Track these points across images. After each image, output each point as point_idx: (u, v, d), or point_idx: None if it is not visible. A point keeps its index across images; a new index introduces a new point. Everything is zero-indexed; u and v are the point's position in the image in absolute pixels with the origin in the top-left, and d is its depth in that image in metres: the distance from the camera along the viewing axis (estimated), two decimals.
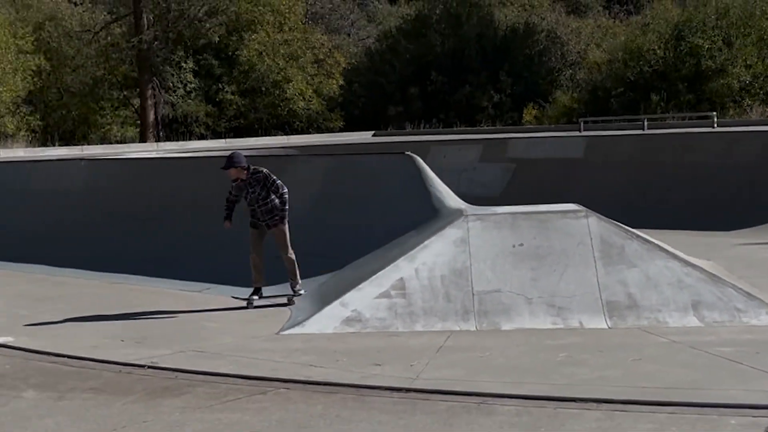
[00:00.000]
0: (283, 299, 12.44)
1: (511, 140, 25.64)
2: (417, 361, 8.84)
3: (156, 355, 8.42)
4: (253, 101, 47.45)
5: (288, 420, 5.17)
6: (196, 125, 45.83)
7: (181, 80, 45.84)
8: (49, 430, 5.71)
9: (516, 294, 11.14)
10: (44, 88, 43.79)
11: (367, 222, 14.03)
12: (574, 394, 5.81)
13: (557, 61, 48.63)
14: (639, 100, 39.92)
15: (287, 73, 47.38)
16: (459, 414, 5.08)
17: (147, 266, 15.22)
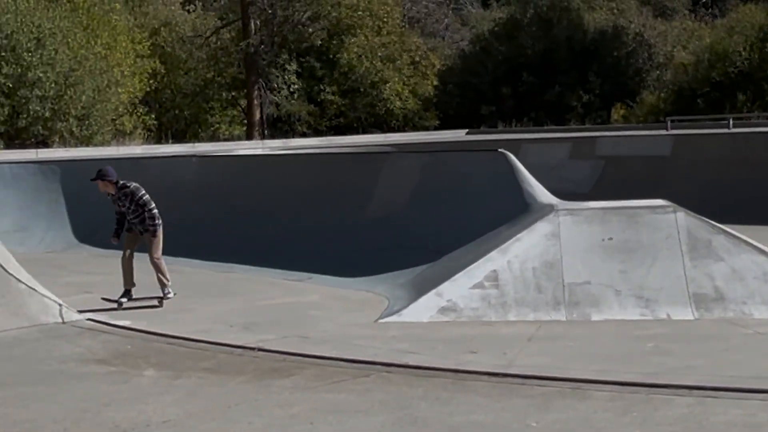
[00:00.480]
0: (157, 299, 12.16)
1: (600, 138, 25.35)
2: (510, 349, 8.81)
3: (263, 340, 8.55)
4: (353, 101, 47.69)
5: (390, 401, 5.20)
6: (299, 124, 46.26)
7: (285, 81, 46.31)
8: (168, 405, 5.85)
9: (605, 286, 11.03)
10: (159, 89, 44.64)
11: (461, 216, 14.02)
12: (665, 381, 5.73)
13: (644, 63, 47.84)
14: (724, 99, 39.09)
15: (384, 75, 47.53)
16: (554, 398, 5.05)
17: (253, 256, 15.42)
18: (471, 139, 32.66)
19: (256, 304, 11.98)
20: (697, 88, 41.47)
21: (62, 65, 31.13)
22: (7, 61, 29.89)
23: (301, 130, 45.76)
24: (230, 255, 15.78)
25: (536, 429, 4.53)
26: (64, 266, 16.01)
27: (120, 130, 37.45)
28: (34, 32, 30.63)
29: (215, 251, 16.12)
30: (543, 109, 45.96)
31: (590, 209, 11.99)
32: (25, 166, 20.79)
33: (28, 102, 30.24)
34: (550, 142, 26.50)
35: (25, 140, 31.07)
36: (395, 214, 15.23)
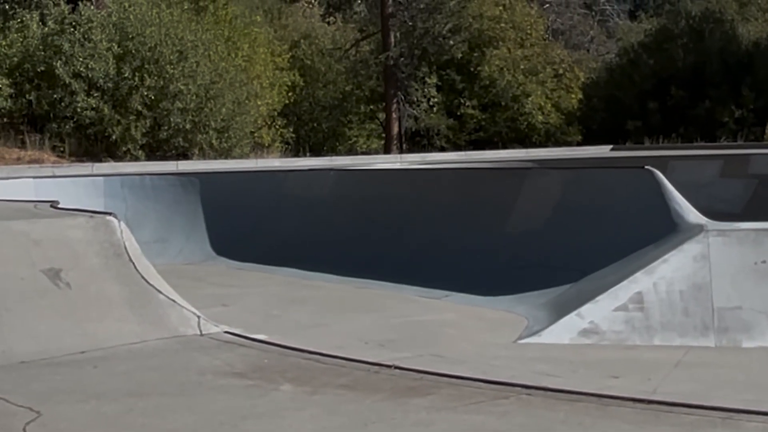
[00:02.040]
0: None
1: (754, 156, 24.59)
2: (654, 375, 8.65)
3: (398, 358, 8.61)
4: (493, 115, 47.62)
5: (530, 424, 5.18)
6: (437, 138, 46.45)
7: (425, 94, 46.59)
8: (305, 421, 5.95)
9: (758, 312, 10.72)
10: (297, 102, 45.52)
11: (604, 235, 13.82)
12: None
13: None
14: None
15: (527, 88, 47.30)
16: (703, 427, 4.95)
17: (390, 272, 15.54)
18: (616, 155, 32.16)
19: (391, 321, 12.06)
20: None
21: (203, 78, 32.05)
22: (150, 74, 30.95)
23: (440, 144, 45.93)
24: (366, 270, 15.93)
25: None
26: (201, 278, 16.46)
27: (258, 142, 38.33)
28: (177, 45, 31.63)
29: (351, 266, 16.30)
30: (692, 124, 44.90)
31: (742, 230, 11.66)
32: (166, 177, 21.45)
33: (170, 114, 31.24)
34: (699, 159, 25.86)
35: (166, 152, 32.11)
36: (536, 232, 15.12)
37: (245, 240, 18.74)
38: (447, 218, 16.65)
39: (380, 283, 15.16)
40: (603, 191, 14.80)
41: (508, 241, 15.28)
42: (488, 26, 47.34)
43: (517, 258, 14.69)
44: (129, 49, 30.94)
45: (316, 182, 20.06)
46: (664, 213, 13.16)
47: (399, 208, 17.71)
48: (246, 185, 19.97)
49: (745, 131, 43.55)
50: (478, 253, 15.33)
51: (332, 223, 18.53)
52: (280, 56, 42.50)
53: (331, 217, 18.70)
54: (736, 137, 42.39)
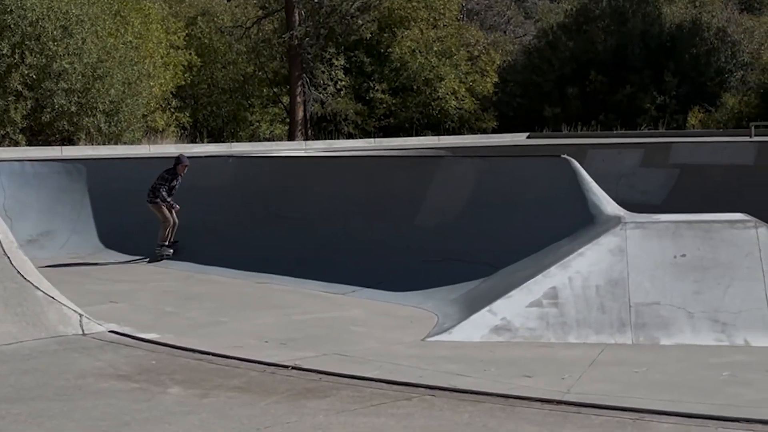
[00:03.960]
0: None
1: (675, 145, 25.12)
2: (569, 374, 8.77)
3: (300, 357, 8.60)
4: (404, 100, 47.74)
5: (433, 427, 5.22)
6: (345, 124, 46.42)
7: (332, 77, 46.51)
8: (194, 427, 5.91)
9: (677, 307, 10.94)
10: (194, 84, 45.05)
11: (518, 227, 13.99)
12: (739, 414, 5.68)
13: (727, 62, 47.35)
14: None
15: (440, 71, 47.51)
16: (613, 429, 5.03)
17: (293, 266, 15.53)
18: (532, 143, 32.56)
19: (294, 319, 12.05)
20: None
21: (90, 56, 31.44)
22: (31, 51, 30.28)
23: (348, 130, 45.91)
24: (267, 265, 15.89)
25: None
26: (88, 273, 16.25)
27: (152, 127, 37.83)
28: (61, 19, 30.97)
29: (251, 260, 16.25)
30: (612, 111, 45.66)
31: (661, 222, 11.90)
32: (49, 164, 21.10)
33: (53, 95, 30.61)
34: (619, 148, 26.31)
35: (49, 137, 31.49)
36: (447, 224, 15.24)
37: (137, 232, 18.53)
38: (354, 210, 16.69)
39: (282, 277, 15.13)
40: (518, 181, 14.96)
41: (419, 233, 15.37)
42: (399, 5, 47.42)
43: (427, 251, 14.78)
44: (7, 23, 30.20)
45: (214, 170, 19.91)
46: (581, 204, 13.37)
47: (303, 198, 17.68)
48: (138, 173, 19.70)
49: (667, 118, 44.43)
50: (386, 246, 15.39)
51: (231, 214, 18.43)
52: (175, 34, 41.99)
53: (231, 208, 18.60)
54: (658, 125, 43.23)
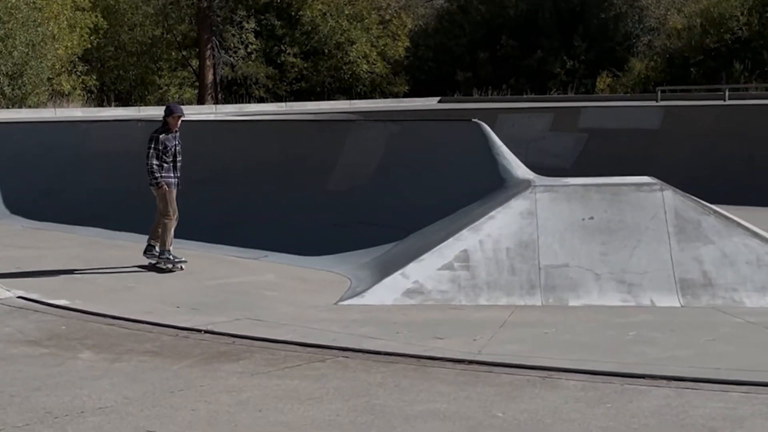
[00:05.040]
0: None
1: (584, 109, 25.45)
2: (480, 336, 8.90)
3: (212, 322, 8.59)
4: (315, 64, 47.56)
5: (346, 388, 5.27)
6: (256, 88, 46.08)
7: (242, 41, 46.06)
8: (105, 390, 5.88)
9: (585, 269, 11.14)
10: (101, 47, 44.27)
11: (430, 191, 14.07)
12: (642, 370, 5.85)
13: (634, 27, 48.03)
14: (721, 69, 39.33)
15: (351, 35, 47.37)
16: (522, 387, 5.15)
17: (204, 231, 15.41)
18: (443, 107, 32.73)
19: (206, 284, 12.00)
20: (691, 56, 41.66)
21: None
22: None
23: (259, 94, 45.61)
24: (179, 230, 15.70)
25: (502, 419, 4.62)
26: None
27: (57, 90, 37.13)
28: None
29: None
30: (523, 75, 46.06)
31: (570, 186, 12.08)
32: None
33: None
34: (529, 112, 26.57)
35: None
36: (359, 189, 15.26)
37: (43, 197, 18.21)
38: (266, 174, 16.60)
39: (194, 243, 15.01)
40: (429, 145, 15.03)
41: (331, 197, 15.37)
42: None
43: (340, 216, 14.80)
44: None
45: (122, 135, 19.61)
46: (492, 168, 13.49)
47: (214, 163, 17.52)
48: (44, 137, 19.36)
49: (576, 83, 44.96)
50: (299, 210, 15.36)
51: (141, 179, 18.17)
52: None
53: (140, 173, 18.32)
54: (567, 89, 43.73)
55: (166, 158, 12.92)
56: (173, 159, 13.07)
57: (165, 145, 12.88)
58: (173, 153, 13.06)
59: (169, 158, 12.97)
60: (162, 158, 12.84)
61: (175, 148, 13.05)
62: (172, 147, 13.03)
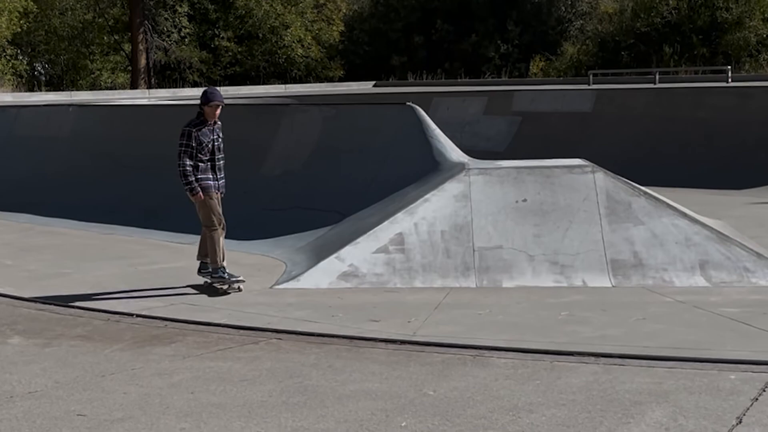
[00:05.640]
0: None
1: (517, 93, 25.61)
2: (415, 318, 8.95)
3: (146, 308, 8.53)
4: (250, 48, 47.28)
5: (279, 369, 5.28)
6: (190, 72, 45.72)
7: (175, 25, 45.64)
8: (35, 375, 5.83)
9: (518, 251, 11.23)
10: (31, 31, 43.61)
11: (365, 175, 14.09)
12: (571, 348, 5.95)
13: (567, 11, 48.41)
14: (651, 53, 39.81)
15: (285, 19, 47.15)
16: (454, 366, 5.20)
17: (137, 217, 15.31)
18: (379, 91, 32.73)
19: (140, 269, 11.91)
20: (622, 40, 42.09)
21: None
22: None
23: (193, 79, 45.24)
24: (112, 216, 15.62)
25: (433, 397, 4.66)
26: None
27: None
28: None
29: (95, 212, 15.94)
30: (458, 59, 46.20)
31: (503, 168, 12.15)
32: None
33: None
34: (463, 96, 26.67)
35: None
36: (295, 173, 15.23)
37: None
38: None
39: (127, 228, 14.91)
40: (364, 129, 15.04)
41: (266, 182, 15.33)
42: None
43: (275, 200, 14.76)
44: None
45: (54, 120, 19.38)
46: (427, 151, 13.53)
47: (147, 148, 17.37)
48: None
49: (510, 67, 45.21)
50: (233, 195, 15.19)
51: (73, 165, 18.00)
52: None
53: (72, 158, 18.16)
54: (501, 73, 43.96)
55: (202, 156, 10.59)
56: (211, 157, 10.73)
57: (200, 140, 10.48)
58: (211, 150, 10.70)
59: (205, 156, 10.64)
60: (197, 157, 10.55)
61: (213, 143, 10.66)
62: (209, 142, 10.63)
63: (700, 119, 20.81)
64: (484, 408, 4.48)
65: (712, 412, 4.31)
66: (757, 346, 7.70)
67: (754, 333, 8.36)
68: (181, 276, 11.45)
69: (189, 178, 10.42)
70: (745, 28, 39.27)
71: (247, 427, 4.36)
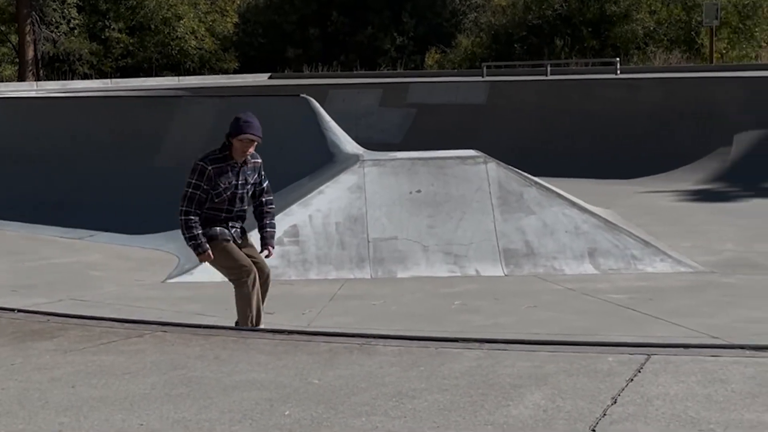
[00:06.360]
0: None
1: (412, 85, 25.77)
2: (309, 309, 9.00)
3: (32, 304, 8.37)
4: (142, 40, 46.65)
5: (164, 361, 5.26)
6: (80, 64, 44.90)
7: (64, 15, 44.77)
8: None
9: (412, 241, 11.32)
10: None
11: None
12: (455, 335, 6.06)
13: (461, 4, 48.77)
14: (543, 45, 40.38)
15: (178, 10, 46.65)
16: (341, 354, 5.25)
17: (29, 212, 15.05)
18: (274, 83, 32.64)
19: (28, 265, 11.72)
20: (514, 33, 42.59)
21: None
22: None
23: (83, 71, 44.44)
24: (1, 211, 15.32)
25: (317, 386, 4.70)
26: None
27: None
28: None
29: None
30: (353, 52, 46.25)
31: (397, 160, 12.25)
32: None
33: None
34: (359, 88, 26.71)
35: None
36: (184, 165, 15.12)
37: None
38: (93, 152, 16.30)
39: (17, 224, 14.64)
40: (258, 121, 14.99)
41: (160, 174, 15.21)
42: None
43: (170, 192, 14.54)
44: None
45: None
46: (321, 143, 13.56)
47: (38, 141, 17.09)
48: None
49: (405, 59, 45.39)
50: (125, 188, 15.15)
51: None
52: None
53: None
54: (397, 65, 44.12)
55: (218, 204, 7.74)
56: (229, 208, 7.80)
57: (215, 182, 7.65)
58: (230, 198, 7.77)
59: (221, 205, 7.75)
60: (209, 203, 7.72)
61: (237, 190, 7.78)
62: (229, 188, 7.71)
63: (590, 111, 21.22)
64: (368, 395, 4.53)
65: (589, 393, 4.43)
66: (643, 331, 7.95)
67: (639, 318, 8.61)
68: (71, 271, 11.30)
69: (192, 232, 7.66)
70: (633, 21, 40.05)
71: (128, 420, 4.35)
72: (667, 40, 40.24)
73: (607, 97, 21.46)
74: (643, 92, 21.24)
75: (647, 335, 7.41)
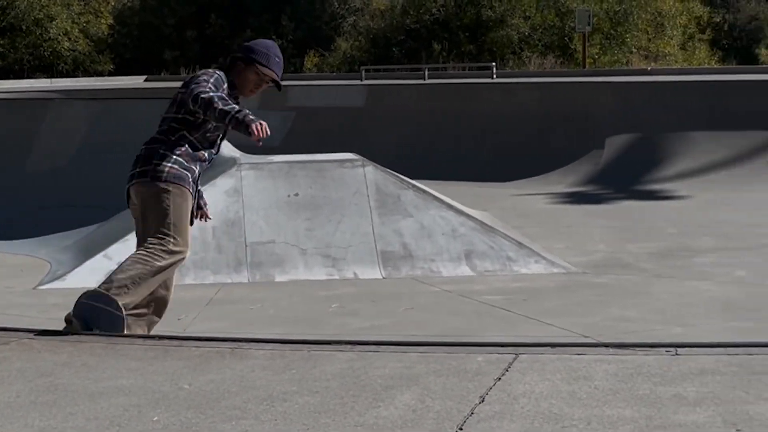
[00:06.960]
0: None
1: (291, 88, 25.71)
2: (185, 315, 8.92)
3: None
4: (12, 41, 45.66)
5: (29, 369, 5.16)
6: None
7: None
8: None
9: (290, 245, 11.32)
10: None
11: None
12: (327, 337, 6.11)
13: (340, 7, 48.97)
14: (421, 49, 40.79)
15: (50, 11, 45.79)
16: (212, 359, 5.23)
17: None
18: (150, 86, 32.26)
19: None
20: (392, 37, 42.95)
21: None
22: None
23: None
24: None
25: (188, 391, 4.68)
26: None
27: None
28: None
29: None
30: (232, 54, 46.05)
31: (275, 163, 12.23)
32: None
33: None
34: None
35: None
36: (61, 169, 14.90)
37: None
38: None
39: None
40: (132, 124, 14.78)
41: (32, 179, 14.97)
42: None
43: (41, 198, 14.41)
44: None
45: None
46: None
47: None
48: None
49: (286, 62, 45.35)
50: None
51: None
52: None
53: None
54: None
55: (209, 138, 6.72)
56: (212, 147, 6.85)
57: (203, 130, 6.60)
58: (221, 139, 6.88)
59: (213, 140, 6.79)
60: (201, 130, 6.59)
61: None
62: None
63: (468, 115, 21.48)
64: (239, 399, 4.53)
65: (458, 393, 4.50)
66: (516, 331, 8.12)
67: (513, 318, 8.78)
68: None
69: (230, 103, 6.33)
70: (508, 26, 40.82)
71: None
72: (542, 46, 41.10)
73: (485, 102, 21.78)
74: (519, 96, 21.64)
75: (519, 335, 7.57)
